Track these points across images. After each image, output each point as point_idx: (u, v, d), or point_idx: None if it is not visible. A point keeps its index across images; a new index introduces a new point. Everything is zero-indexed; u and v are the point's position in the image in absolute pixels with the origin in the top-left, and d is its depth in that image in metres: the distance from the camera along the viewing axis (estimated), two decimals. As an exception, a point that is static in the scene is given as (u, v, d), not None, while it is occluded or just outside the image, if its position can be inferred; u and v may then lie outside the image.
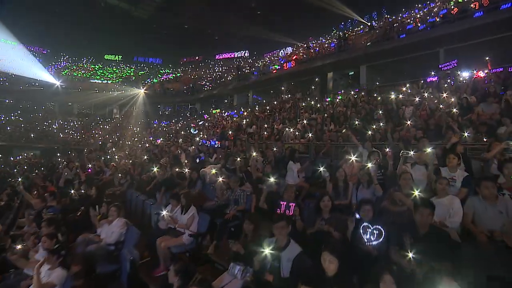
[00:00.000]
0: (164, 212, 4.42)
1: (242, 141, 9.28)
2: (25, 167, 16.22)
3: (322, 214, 3.68)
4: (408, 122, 7.19)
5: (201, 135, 14.03)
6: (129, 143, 18.46)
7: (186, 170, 6.58)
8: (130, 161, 10.77)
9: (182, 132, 17.77)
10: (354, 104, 11.75)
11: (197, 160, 7.26)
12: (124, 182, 8.17)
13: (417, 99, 8.76)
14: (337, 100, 12.89)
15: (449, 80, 11.01)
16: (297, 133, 10.23)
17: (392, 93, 11.00)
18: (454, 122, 6.44)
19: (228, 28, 36.74)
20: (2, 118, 29.72)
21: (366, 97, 12.07)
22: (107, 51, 44.68)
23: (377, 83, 14.21)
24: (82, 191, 6.50)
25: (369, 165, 4.42)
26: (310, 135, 8.79)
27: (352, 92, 13.44)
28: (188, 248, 4.24)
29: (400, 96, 9.84)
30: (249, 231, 3.36)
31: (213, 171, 6.12)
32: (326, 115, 11.32)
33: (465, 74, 10.64)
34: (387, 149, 4.83)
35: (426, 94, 9.62)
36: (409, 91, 10.78)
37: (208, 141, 10.49)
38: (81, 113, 34.42)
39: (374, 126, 7.54)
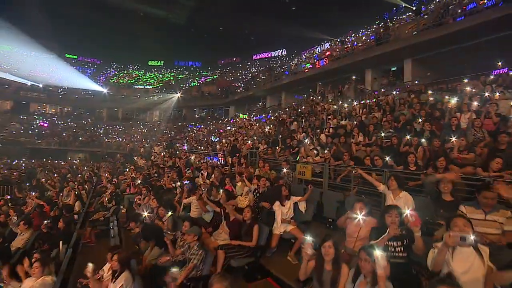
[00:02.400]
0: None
1: (244, 162, 7.95)
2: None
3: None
4: (453, 140, 5.15)
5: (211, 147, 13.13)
6: (156, 149, 18.49)
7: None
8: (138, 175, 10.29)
9: (205, 139, 17.15)
10: (393, 108, 9.61)
11: (186, 186, 6.23)
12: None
13: (475, 103, 6.47)
14: (371, 102, 10.76)
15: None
16: (317, 147, 8.59)
17: (444, 93, 8.73)
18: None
19: (264, 27, 35.66)
20: (61, 124, 33.02)
21: (409, 98, 9.78)
22: (150, 57, 47.20)
23: (418, 81, 11.65)
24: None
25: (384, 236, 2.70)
26: (325, 151, 7.15)
27: (394, 92, 11.15)
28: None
29: (453, 100, 7.43)
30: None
31: (169, 214, 4.96)
32: (355, 122, 9.42)
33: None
34: (408, 211, 2.61)
35: (491, 94, 7.23)
36: (467, 88, 8.30)
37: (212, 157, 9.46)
38: (125, 118, 36.59)
39: (406, 148, 5.64)
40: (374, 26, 15.04)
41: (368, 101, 11.51)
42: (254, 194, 5.62)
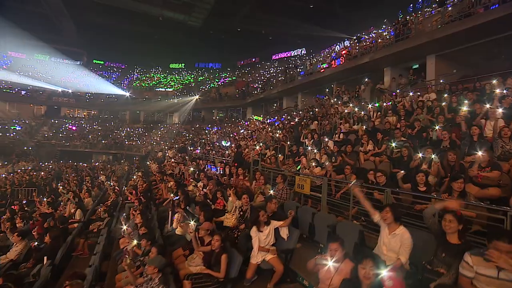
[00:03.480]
0: None
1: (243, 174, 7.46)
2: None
3: None
4: (480, 154, 4.28)
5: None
6: (169, 153, 18.57)
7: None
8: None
9: (217, 144, 16.91)
10: (410, 111, 8.63)
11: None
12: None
13: (499, 111, 5.47)
14: (387, 104, 9.79)
15: None
16: (323, 155, 7.90)
17: (469, 94, 7.65)
18: None
19: (282, 26, 34.94)
20: (88, 127, 34.70)
21: (429, 100, 8.73)
22: (172, 60, 48.23)
23: (443, 80, 10.40)
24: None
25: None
26: (327, 163, 6.46)
27: (411, 93, 10.08)
28: None
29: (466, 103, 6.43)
30: None
31: (134, 242, 4.59)
32: (365, 128, 8.58)
33: None
34: (385, 273, 2.13)
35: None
36: (496, 90, 7.17)
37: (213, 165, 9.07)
38: (146, 120, 37.64)
39: (417, 162, 4.88)
40: (395, 21, 13.73)
41: (384, 103, 10.53)
42: (238, 213, 5.14)
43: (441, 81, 11.23)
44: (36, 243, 6.07)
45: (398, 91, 11.26)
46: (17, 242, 6.41)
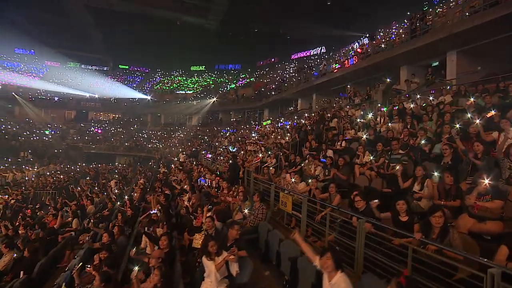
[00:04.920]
0: None
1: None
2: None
3: None
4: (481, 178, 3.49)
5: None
6: (181, 157, 18.69)
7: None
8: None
9: (225, 149, 16.66)
10: (419, 117, 7.66)
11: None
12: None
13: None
14: (395, 109, 8.84)
15: None
16: (317, 167, 7.29)
17: (487, 97, 6.60)
18: None
19: (299, 25, 34.03)
20: (112, 130, 36.35)
21: (441, 103, 7.71)
22: (193, 62, 49.05)
23: (458, 78, 9.18)
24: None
25: None
26: (310, 180, 5.83)
27: (419, 96, 9.01)
28: None
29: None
30: None
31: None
32: (366, 137, 7.78)
33: None
34: None
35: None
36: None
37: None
38: (167, 123, 38.60)
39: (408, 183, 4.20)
40: (412, 15, 12.46)
41: (395, 107, 9.56)
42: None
43: (452, 81, 10.02)
44: (14, 255, 6.14)
45: (408, 94, 10.17)
46: (6, 253, 6.58)
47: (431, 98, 8.37)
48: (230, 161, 9.68)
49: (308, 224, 5.12)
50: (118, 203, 8.59)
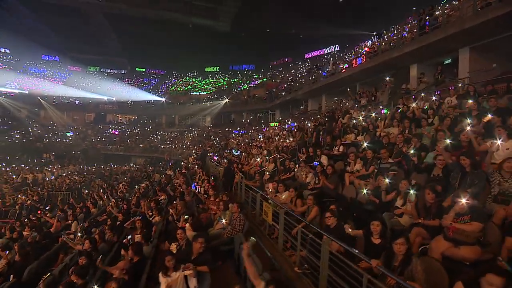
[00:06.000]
0: None
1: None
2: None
3: None
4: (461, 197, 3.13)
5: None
6: (190, 160, 18.84)
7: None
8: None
9: (228, 151, 16.59)
10: (418, 121, 7.14)
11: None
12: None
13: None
14: (399, 111, 8.30)
15: None
16: (308, 173, 7.00)
17: (493, 100, 6.02)
18: None
19: (311, 23, 33.39)
20: (128, 132, 37.51)
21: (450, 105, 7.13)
22: (207, 64, 49.58)
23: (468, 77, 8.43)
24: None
25: None
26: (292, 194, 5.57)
27: (435, 99, 8.37)
28: None
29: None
30: None
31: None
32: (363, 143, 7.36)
33: None
34: None
35: None
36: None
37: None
38: (181, 124, 39.25)
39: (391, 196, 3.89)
40: (421, 11, 11.70)
41: (401, 108, 9.00)
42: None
43: (465, 80, 9.27)
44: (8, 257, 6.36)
45: (412, 94, 9.55)
46: (3, 256, 6.86)
47: (434, 98, 7.75)
48: (226, 166, 9.54)
49: (287, 237, 4.88)
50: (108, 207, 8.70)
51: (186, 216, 5.31)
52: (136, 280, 4.19)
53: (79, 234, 7.12)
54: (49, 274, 4.49)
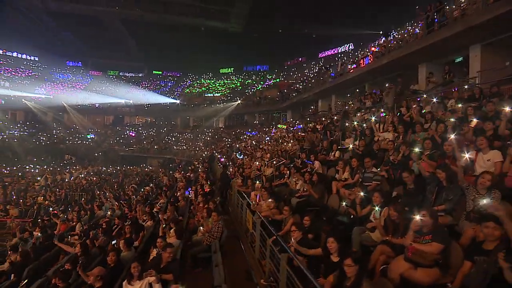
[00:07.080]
0: None
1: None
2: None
3: None
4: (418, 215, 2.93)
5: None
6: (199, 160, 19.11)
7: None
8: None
9: (235, 155, 16.65)
10: (413, 128, 6.77)
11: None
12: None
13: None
14: (399, 114, 7.93)
15: None
16: (298, 180, 6.86)
17: (490, 105, 5.62)
18: None
19: (325, 23, 32.82)
20: (144, 134, 38.67)
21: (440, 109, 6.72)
22: (221, 65, 50.06)
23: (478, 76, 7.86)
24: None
25: None
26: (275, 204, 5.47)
27: (436, 101, 7.95)
28: None
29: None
30: None
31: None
32: (353, 147, 7.11)
33: None
34: None
35: None
36: (506, 108, 4.99)
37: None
38: (195, 126, 39.90)
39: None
40: (427, 7, 11.09)
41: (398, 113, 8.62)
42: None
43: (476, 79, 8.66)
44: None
45: (419, 96, 9.09)
46: (11, 255, 7.29)
47: (434, 100, 7.33)
48: (222, 171, 9.58)
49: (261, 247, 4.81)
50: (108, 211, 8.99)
51: (164, 225, 5.38)
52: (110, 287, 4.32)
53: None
54: (26, 280, 4.71)
